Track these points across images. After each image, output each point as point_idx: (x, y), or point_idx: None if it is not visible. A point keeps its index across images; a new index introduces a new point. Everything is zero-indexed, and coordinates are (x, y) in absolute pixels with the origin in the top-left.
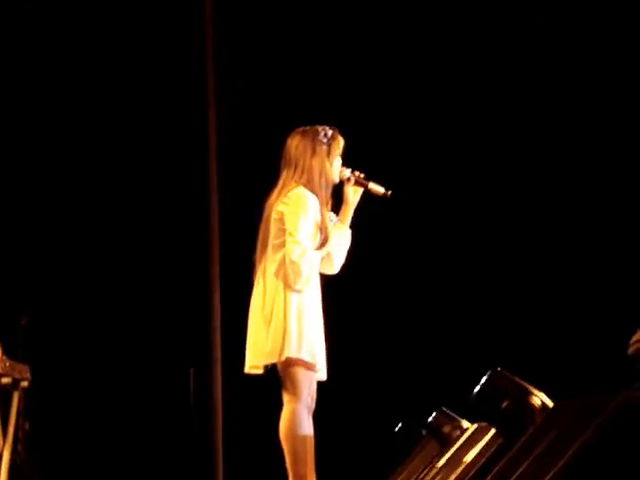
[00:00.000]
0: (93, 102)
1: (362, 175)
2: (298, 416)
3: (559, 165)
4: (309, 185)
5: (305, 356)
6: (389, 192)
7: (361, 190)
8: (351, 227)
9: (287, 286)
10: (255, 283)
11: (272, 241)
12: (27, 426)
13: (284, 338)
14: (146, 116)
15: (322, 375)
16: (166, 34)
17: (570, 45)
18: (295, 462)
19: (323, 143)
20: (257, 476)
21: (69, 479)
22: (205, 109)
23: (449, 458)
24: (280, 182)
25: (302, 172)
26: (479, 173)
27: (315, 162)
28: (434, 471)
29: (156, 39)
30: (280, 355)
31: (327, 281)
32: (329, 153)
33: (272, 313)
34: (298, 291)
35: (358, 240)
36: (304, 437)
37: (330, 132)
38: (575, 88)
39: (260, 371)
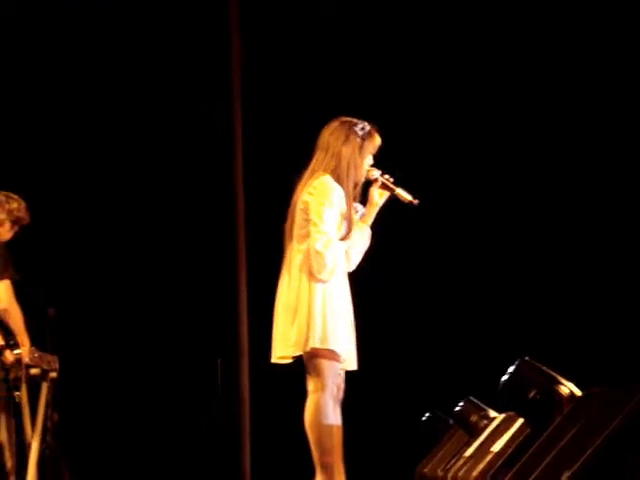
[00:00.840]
0: (123, 97)
1: (391, 179)
2: (323, 406)
3: (572, 160)
4: (336, 172)
5: (331, 346)
6: (416, 200)
7: (387, 193)
8: (372, 229)
9: (312, 276)
10: (282, 273)
11: (297, 231)
12: (56, 417)
13: (309, 328)
14: (171, 109)
15: (352, 365)
16: (191, 26)
17: (575, 48)
18: (321, 452)
19: (358, 135)
20: (284, 466)
21: (97, 469)
22: (231, 101)
23: (477, 447)
24: (310, 166)
25: (332, 157)
26: (493, 168)
27: (345, 150)
28: (462, 460)
29: (181, 31)
30: (305, 345)
31: (355, 273)
32: (362, 147)
33: (297, 304)
34: (323, 281)
35: (389, 231)
36: (329, 427)
37: (368, 128)
38: (586, 92)
39: (286, 361)
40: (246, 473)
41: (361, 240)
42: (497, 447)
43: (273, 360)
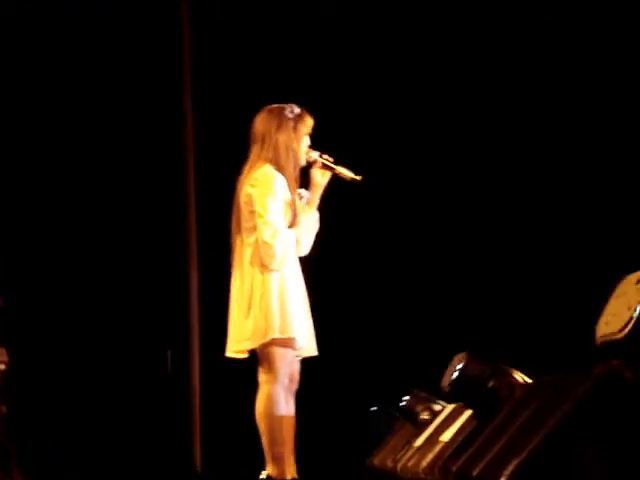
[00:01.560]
0: (64, 95)
1: (331, 158)
2: (274, 397)
3: (526, 159)
4: (276, 160)
5: (291, 334)
6: (359, 177)
7: (329, 173)
8: (319, 210)
9: (263, 268)
10: (233, 267)
11: (244, 224)
12: (4, 409)
13: (266, 320)
14: (121, 105)
15: (311, 351)
16: (142, 25)
17: (566, 46)
18: (271, 443)
19: (289, 119)
20: (235, 457)
21: (47, 461)
22: (180, 93)
23: (426, 438)
24: (249, 159)
25: (269, 147)
26: (450, 160)
27: (281, 137)
28: (411, 451)
29: (132, 31)
30: (264, 336)
31: (310, 259)
32: (296, 129)
33: (251, 296)
34: (275, 271)
35: (341, 219)
36: (280, 418)
37: (298, 110)
38: (563, 87)
39: (243, 355)
40: (196, 464)
41: (310, 224)
42: (446, 437)
43: (228, 354)
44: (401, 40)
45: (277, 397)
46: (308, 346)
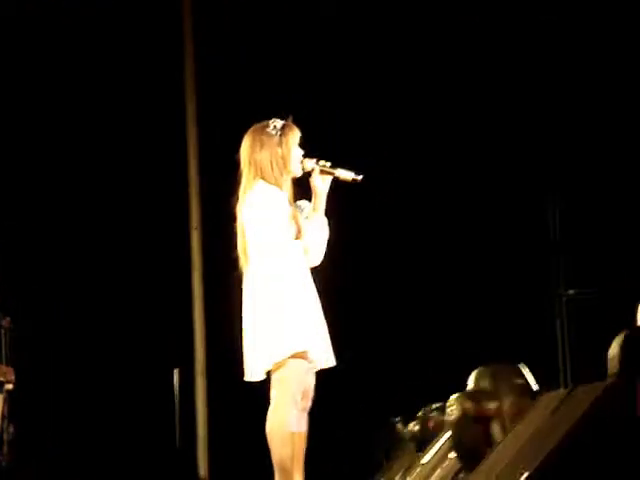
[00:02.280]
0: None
1: (328, 164)
2: (284, 414)
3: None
4: (265, 178)
5: (300, 348)
6: (359, 177)
7: (329, 179)
8: (332, 217)
9: (266, 287)
10: (243, 293)
11: (250, 248)
12: (12, 429)
13: (277, 339)
14: (127, 115)
15: (328, 362)
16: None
17: (563, 54)
18: (280, 460)
19: (272, 135)
20: (244, 474)
21: None
22: (183, 102)
23: (433, 455)
24: (241, 185)
25: (255, 167)
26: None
27: (264, 154)
28: (419, 468)
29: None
30: (277, 357)
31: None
32: (280, 143)
33: (260, 319)
34: (282, 290)
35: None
36: (290, 435)
37: (280, 123)
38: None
39: (261, 377)
40: None
41: (319, 232)
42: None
43: (248, 378)
44: (401, 43)
45: (287, 414)
46: (324, 357)
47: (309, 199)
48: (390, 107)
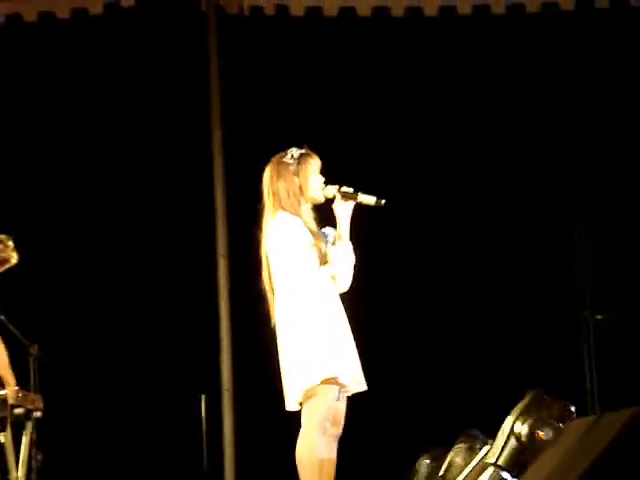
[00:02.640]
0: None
1: (350, 189)
2: (312, 441)
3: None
4: (284, 207)
5: (330, 375)
6: (382, 201)
7: (351, 204)
8: (352, 242)
9: (293, 317)
10: (276, 325)
11: (276, 277)
12: (40, 457)
13: (308, 366)
14: (152, 117)
15: (359, 387)
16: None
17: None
18: None
19: (289, 164)
20: None
21: None
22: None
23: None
24: (263, 217)
25: (274, 197)
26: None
27: (281, 184)
28: None
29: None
30: (305, 383)
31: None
32: (297, 172)
33: (294, 340)
34: (310, 317)
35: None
36: (319, 462)
37: (297, 153)
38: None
39: (296, 407)
40: None
41: (344, 258)
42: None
43: (288, 408)
44: (428, 72)
45: (315, 441)
46: (356, 382)
47: (334, 226)
48: (415, 134)
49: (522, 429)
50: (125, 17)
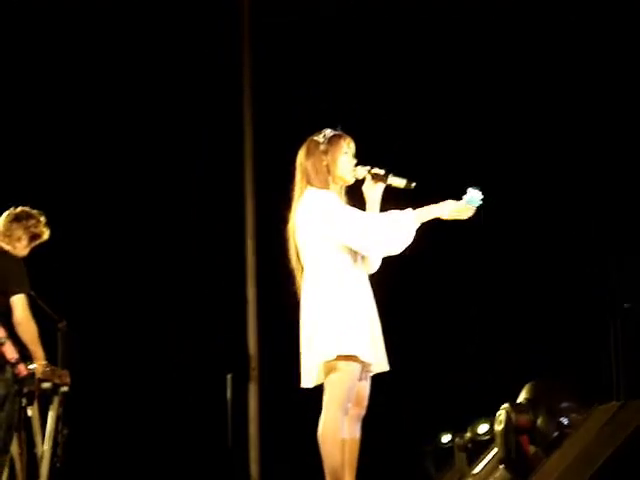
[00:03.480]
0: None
1: (381, 171)
2: (333, 420)
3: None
4: (313, 183)
5: (351, 351)
6: (412, 184)
7: (382, 186)
8: None
9: (322, 288)
10: (300, 301)
11: (304, 253)
12: (66, 431)
13: (328, 338)
14: (182, 124)
15: (382, 366)
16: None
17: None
18: (330, 467)
19: (319, 143)
20: (296, 478)
21: None
22: (241, 120)
23: (485, 465)
24: (294, 193)
25: (303, 174)
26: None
27: (309, 162)
28: (471, 478)
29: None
30: (327, 356)
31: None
32: (327, 151)
33: (315, 320)
34: (336, 293)
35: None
36: (340, 441)
37: (330, 133)
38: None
39: (314, 382)
40: None
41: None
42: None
43: (303, 385)
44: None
45: (336, 421)
46: (379, 362)
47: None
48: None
49: (520, 419)
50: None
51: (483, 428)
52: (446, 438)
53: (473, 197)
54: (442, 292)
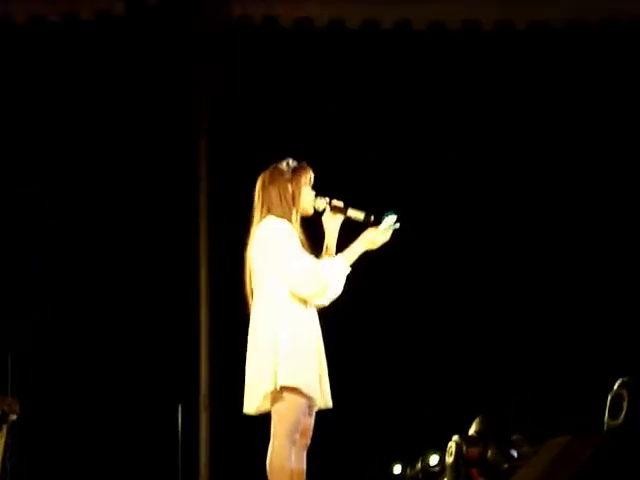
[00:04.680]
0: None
1: (340, 203)
2: (280, 450)
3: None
4: (273, 212)
5: (297, 384)
6: (371, 217)
7: (340, 218)
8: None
9: (275, 315)
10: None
11: (256, 281)
12: (14, 459)
13: (273, 368)
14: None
15: (326, 403)
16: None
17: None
18: None
19: (284, 171)
20: None
21: None
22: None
23: None
24: (252, 220)
25: (264, 202)
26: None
27: (273, 190)
28: None
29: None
30: (271, 386)
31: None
32: (290, 180)
33: (262, 347)
34: (284, 325)
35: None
36: (287, 472)
37: (292, 163)
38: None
39: (256, 409)
40: None
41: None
42: None
43: (246, 410)
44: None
45: (284, 451)
46: (323, 398)
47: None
48: (405, 144)
49: (471, 451)
50: (115, 24)
51: (434, 460)
52: (397, 469)
53: (390, 221)
54: (393, 322)
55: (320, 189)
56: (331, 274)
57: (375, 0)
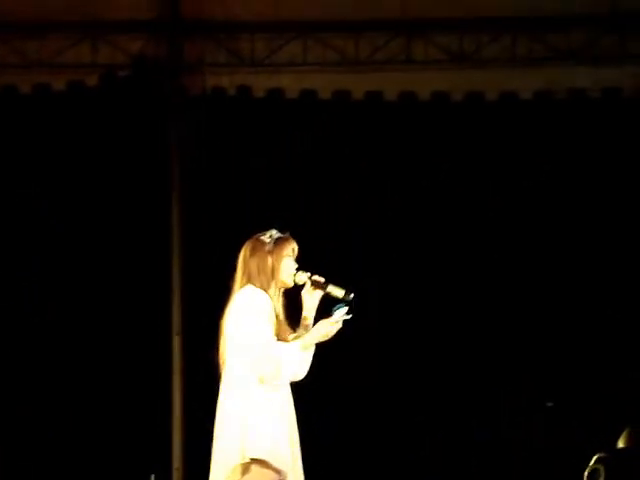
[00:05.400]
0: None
1: (321, 279)
2: None
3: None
4: (253, 283)
5: (266, 457)
6: (350, 295)
7: (320, 293)
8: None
9: (244, 389)
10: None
11: (229, 351)
12: None
13: (241, 440)
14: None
15: (296, 477)
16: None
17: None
18: None
19: (265, 243)
20: None
21: None
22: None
23: None
24: (234, 287)
25: (244, 273)
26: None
27: (253, 261)
28: None
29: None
30: (238, 459)
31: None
32: (272, 252)
33: (231, 419)
34: (253, 396)
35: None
36: None
37: (276, 235)
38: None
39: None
40: None
41: (302, 362)
42: None
43: None
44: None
45: None
46: (293, 472)
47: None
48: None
49: None
50: (89, 96)
51: None
52: None
53: (341, 313)
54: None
55: (302, 261)
56: (285, 356)
57: (347, 71)
